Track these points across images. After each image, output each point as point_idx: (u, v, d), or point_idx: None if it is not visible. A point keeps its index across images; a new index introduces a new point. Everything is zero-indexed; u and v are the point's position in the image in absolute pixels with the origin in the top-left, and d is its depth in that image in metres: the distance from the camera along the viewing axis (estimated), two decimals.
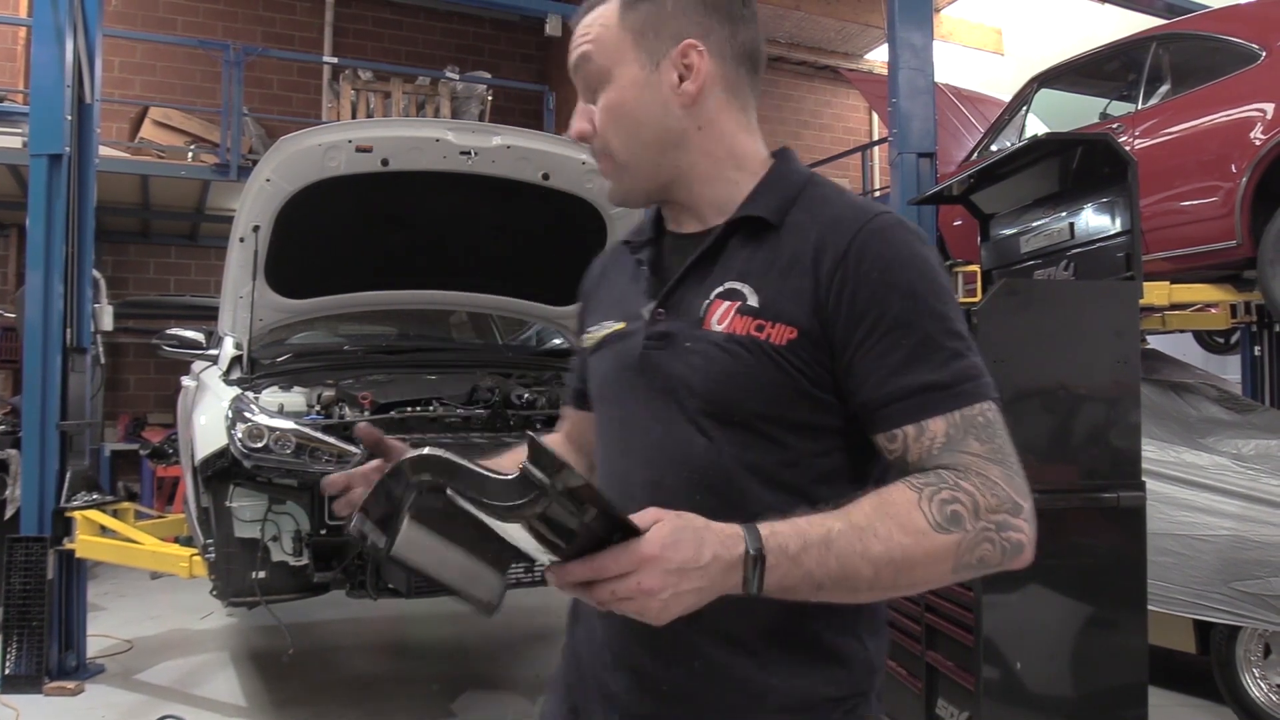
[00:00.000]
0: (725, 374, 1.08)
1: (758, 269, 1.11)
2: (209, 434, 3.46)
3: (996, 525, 0.99)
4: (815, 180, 1.18)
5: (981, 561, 0.99)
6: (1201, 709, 4.11)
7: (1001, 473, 1.01)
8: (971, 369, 1.05)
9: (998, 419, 1.05)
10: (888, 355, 1.04)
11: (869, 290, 1.04)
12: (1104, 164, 3.58)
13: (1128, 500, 3.06)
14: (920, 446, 1.03)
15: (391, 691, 4.40)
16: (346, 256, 4.19)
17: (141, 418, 9.01)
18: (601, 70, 1.16)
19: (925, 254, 1.08)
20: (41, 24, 4.54)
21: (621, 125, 1.16)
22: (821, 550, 0.94)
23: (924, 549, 0.97)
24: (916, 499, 0.98)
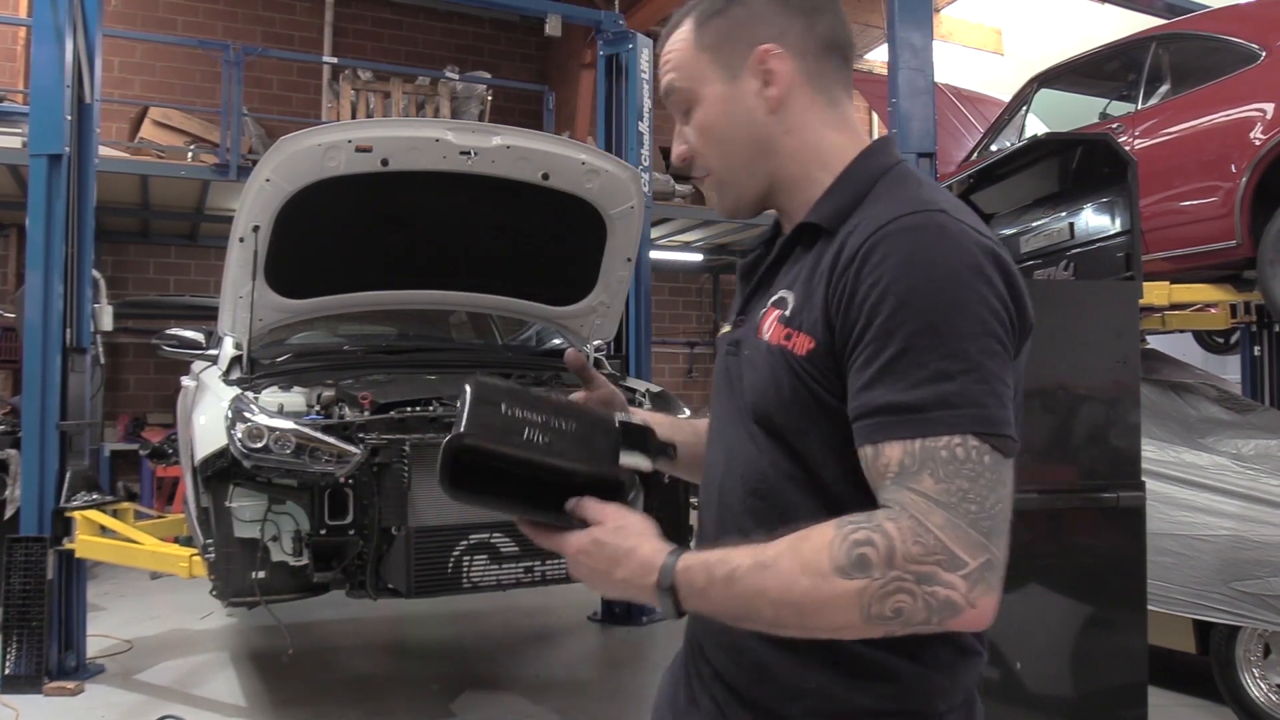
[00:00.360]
0: (763, 384, 1.08)
1: (802, 276, 1.09)
2: (209, 434, 3.46)
3: (916, 578, 0.90)
4: (891, 173, 1.11)
5: (899, 614, 0.91)
6: (1201, 709, 4.11)
7: (944, 519, 0.91)
8: (955, 396, 0.93)
9: (975, 457, 0.93)
10: (866, 367, 0.97)
11: (864, 294, 0.98)
12: (1104, 164, 3.58)
13: (1127, 500, 3.06)
14: (876, 471, 0.96)
15: (391, 691, 4.40)
16: (346, 256, 4.19)
17: (141, 418, 9.01)
18: (688, 94, 1.17)
19: (946, 260, 0.97)
20: (41, 24, 4.53)
21: (715, 143, 1.17)
22: (724, 587, 0.97)
23: (822, 593, 0.92)
24: (830, 539, 0.93)
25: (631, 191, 4.25)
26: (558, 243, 4.45)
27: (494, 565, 3.53)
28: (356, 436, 3.47)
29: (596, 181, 4.13)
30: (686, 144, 1.19)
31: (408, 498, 3.51)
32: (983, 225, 1.05)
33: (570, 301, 4.65)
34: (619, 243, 4.41)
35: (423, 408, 3.66)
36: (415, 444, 3.54)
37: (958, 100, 7.23)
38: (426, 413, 3.63)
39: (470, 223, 4.23)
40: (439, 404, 3.70)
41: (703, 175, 1.21)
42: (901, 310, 0.95)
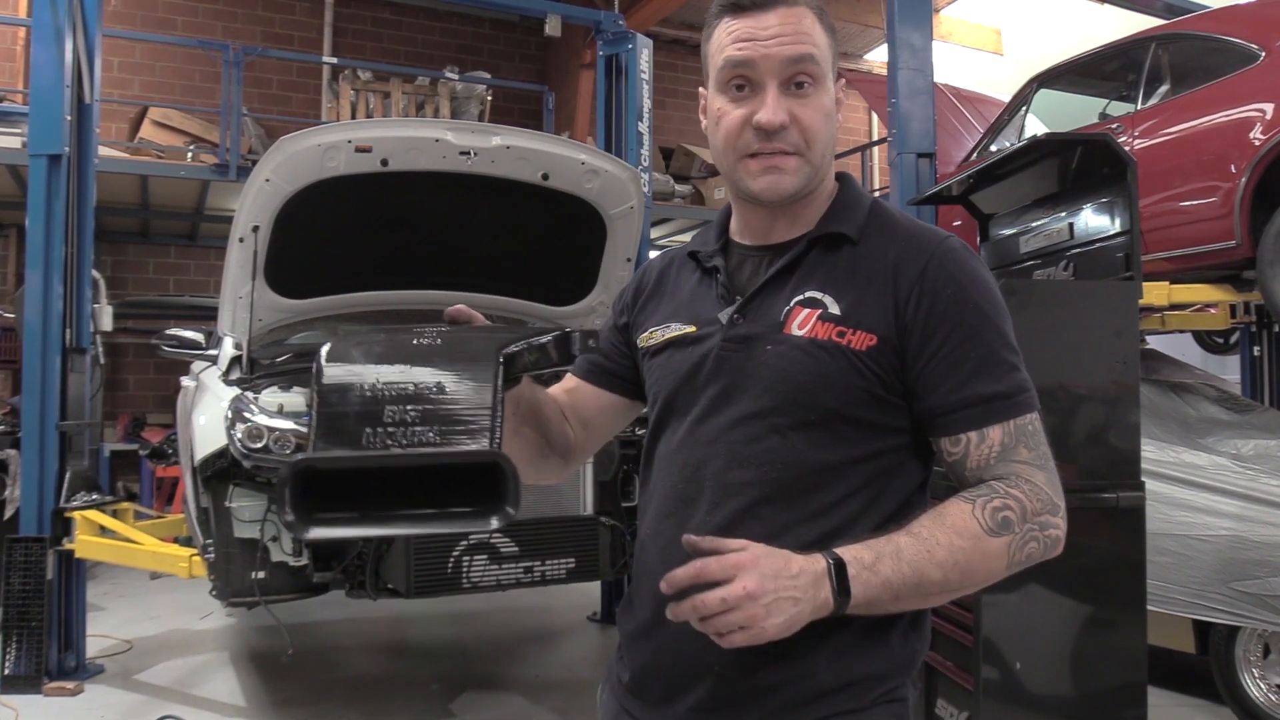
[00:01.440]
0: (808, 375, 1.17)
1: (839, 280, 1.20)
2: (208, 434, 3.46)
3: (1040, 525, 1.14)
4: (879, 202, 1.30)
5: (1029, 558, 1.14)
6: (1201, 709, 4.11)
7: (1045, 478, 1.16)
8: (1025, 382, 1.18)
9: (1040, 427, 1.18)
10: (959, 365, 1.15)
11: (944, 305, 1.16)
12: (1103, 164, 3.58)
13: (1127, 500, 3.06)
14: (980, 453, 1.16)
15: (391, 691, 4.40)
16: (346, 256, 4.19)
17: (141, 418, 9.01)
18: (817, 73, 1.21)
19: (988, 277, 1.21)
20: (41, 24, 4.54)
21: (826, 130, 1.23)
22: (894, 560, 1.07)
23: (981, 551, 1.11)
24: (970, 509, 1.12)
25: (631, 191, 4.25)
26: (557, 243, 4.45)
27: (494, 565, 3.54)
28: None
29: (596, 181, 4.13)
30: (789, 115, 1.19)
31: None
32: None
33: (570, 301, 4.65)
34: (619, 243, 4.41)
35: None
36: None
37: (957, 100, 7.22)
38: None
39: (470, 223, 4.23)
40: None
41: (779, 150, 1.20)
42: (979, 318, 1.17)
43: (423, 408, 0.96)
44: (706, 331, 1.25)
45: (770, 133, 1.19)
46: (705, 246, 1.35)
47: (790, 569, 1.02)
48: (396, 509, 0.94)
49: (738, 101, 1.22)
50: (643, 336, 1.35)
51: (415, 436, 0.95)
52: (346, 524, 0.94)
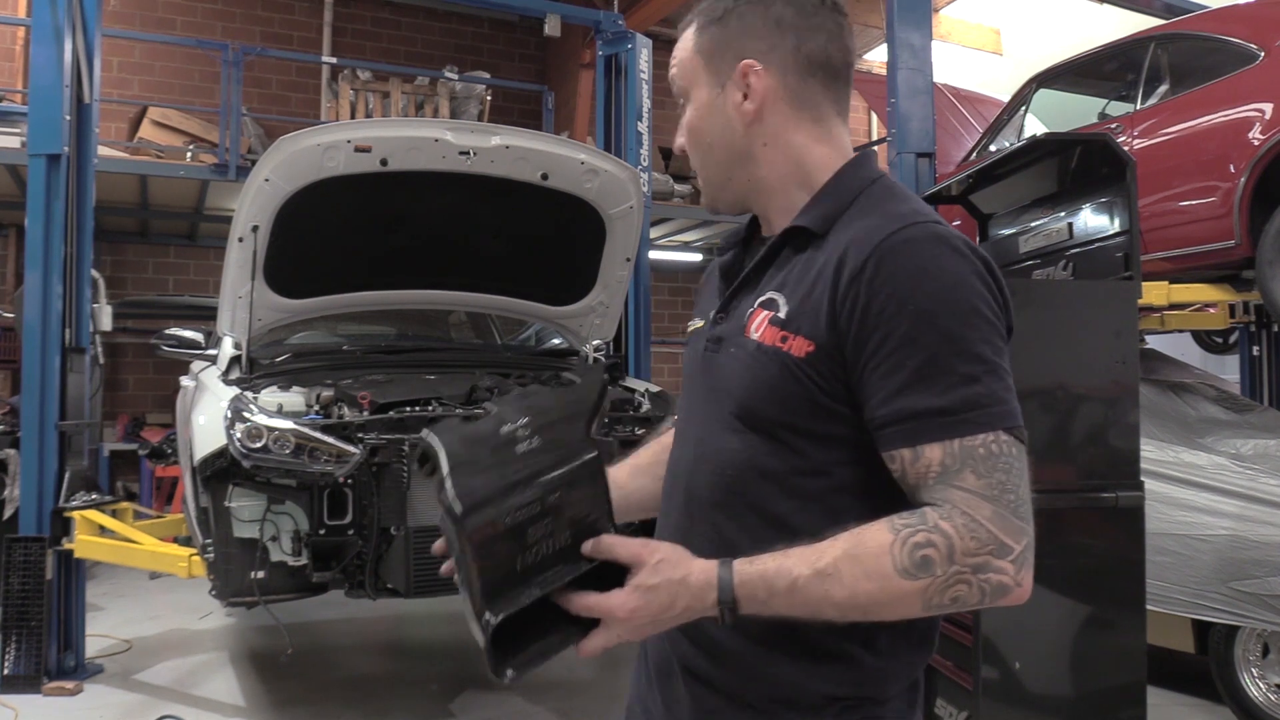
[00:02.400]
0: (753, 381, 1.13)
1: (794, 279, 1.14)
2: (208, 434, 3.46)
3: (973, 568, 0.99)
4: (876, 185, 1.17)
5: (956, 601, 1.00)
6: (1200, 709, 4.11)
7: (992, 512, 1.00)
8: (983, 396, 1.02)
9: (1007, 451, 1.02)
10: (893, 375, 1.03)
11: (880, 305, 1.04)
12: (1103, 164, 3.58)
13: (1126, 500, 3.06)
14: (916, 471, 1.03)
15: (391, 691, 4.40)
16: (345, 256, 4.19)
17: (140, 418, 9.00)
18: (682, 92, 1.24)
19: (954, 269, 1.05)
20: (40, 24, 4.54)
21: (697, 145, 1.24)
22: (787, 597, 1.01)
23: (888, 594, 1.00)
24: (890, 542, 1.00)
25: (630, 191, 4.25)
26: (557, 242, 4.45)
27: None
28: (355, 436, 3.47)
29: (595, 181, 4.13)
30: (681, 138, 1.26)
31: (407, 497, 3.52)
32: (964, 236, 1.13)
33: (569, 301, 4.65)
34: (618, 242, 4.41)
35: (422, 407, 3.66)
36: (414, 444, 3.54)
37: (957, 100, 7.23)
38: (425, 412, 3.63)
39: (469, 223, 4.23)
40: (438, 404, 3.70)
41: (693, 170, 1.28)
42: (921, 321, 1.02)
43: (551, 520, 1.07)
44: (705, 328, 1.27)
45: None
46: (732, 237, 1.33)
47: (673, 609, 1.04)
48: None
49: None
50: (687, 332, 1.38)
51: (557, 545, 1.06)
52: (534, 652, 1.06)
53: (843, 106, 1.23)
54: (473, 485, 1.06)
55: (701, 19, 1.22)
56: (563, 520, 1.08)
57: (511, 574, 1.04)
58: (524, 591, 1.04)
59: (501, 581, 1.04)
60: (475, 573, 1.03)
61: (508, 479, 1.07)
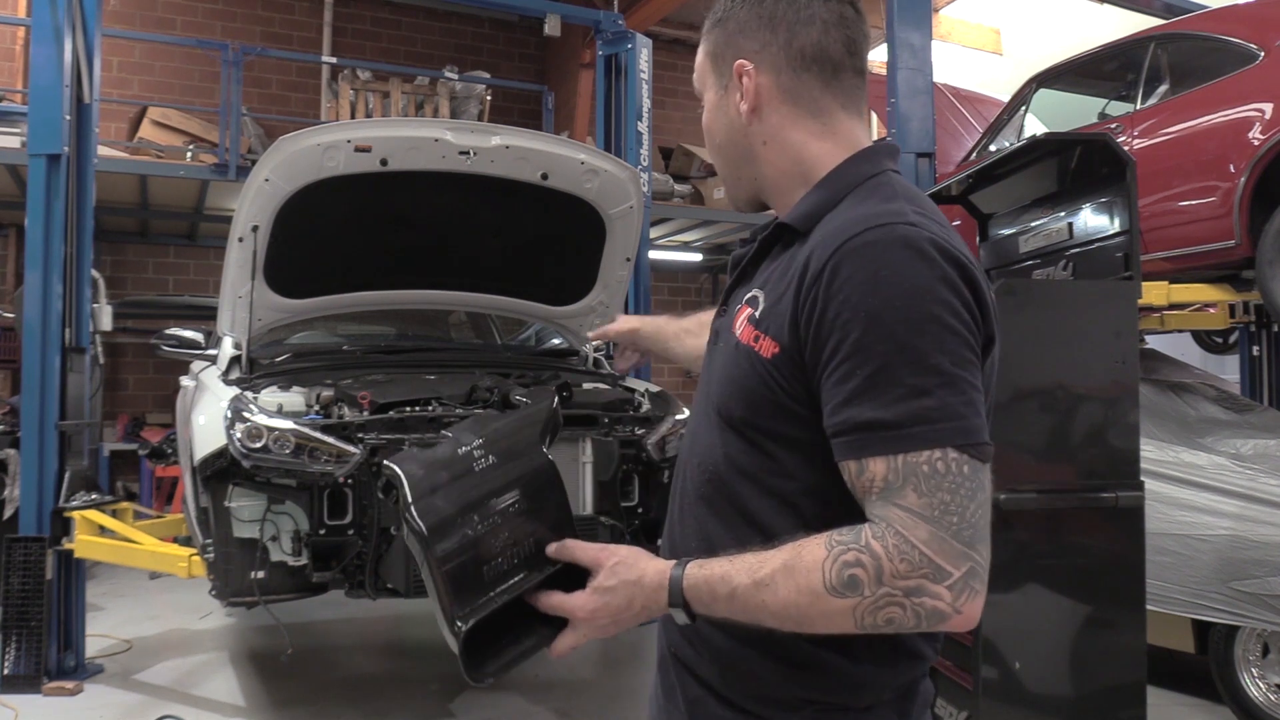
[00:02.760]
0: (729, 379, 1.14)
1: (774, 278, 1.13)
2: (208, 434, 3.46)
3: (904, 591, 0.96)
4: (870, 182, 1.13)
5: (890, 622, 0.98)
6: (1200, 708, 4.12)
7: (929, 534, 0.96)
8: (932, 410, 0.96)
9: (955, 470, 0.96)
10: (843, 383, 1.00)
11: (834, 311, 1.00)
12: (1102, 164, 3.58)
13: (1126, 500, 3.06)
14: (861, 485, 1.01)
15: (391, 691, 4.40)
16: (345, 256, 4.18)
17: (140, 418, 9.00)
18: (702, 93, 1.27)
19: (914, 274, 0.99)
20: (40, 24, 4.53)
21: (710, 145, 1.27)
22: (727, 604, 1.05)
23: (817, 609, 1.00)
24: (823, 559, 1.00)
25: (630, 191, 4.25)
26: (557, 242, 4.45)
27: None
28: (355, 436, 3.47)
29: (595, 181, 4.13)
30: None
31: None
32: (952, 233, 1.07)
33: (569, 301, 4.64)
34: (618, 242, 4.41)
35: (422, 407, 3.66)
36: (414, 444, 3.54)
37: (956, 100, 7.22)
38: (425, 413, 3.63)
39: (469, 222, 4.23)
40: (438, 404, 3.70)
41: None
42: (874, 328, 0.98)
43: (512, 530, 1.16)
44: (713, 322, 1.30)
45: None
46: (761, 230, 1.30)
47: (631, 609, 1.12)
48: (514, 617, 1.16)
49: None
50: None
51: (520, 553, 1.15)
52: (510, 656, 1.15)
53: (849, 99, 1.19)
54: (434, 504, 1.14)
55: (709, 21, 1.24)
56: (524, 529, 1.16)
57: (479, 583, 1.11)
58: (492, 599, 1.12)
59: (469, 591, 1.11)
60: (444, 585, 1.10)
61: (467, 496, 1.16)
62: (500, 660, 1.14)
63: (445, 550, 1.11)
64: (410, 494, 1.14)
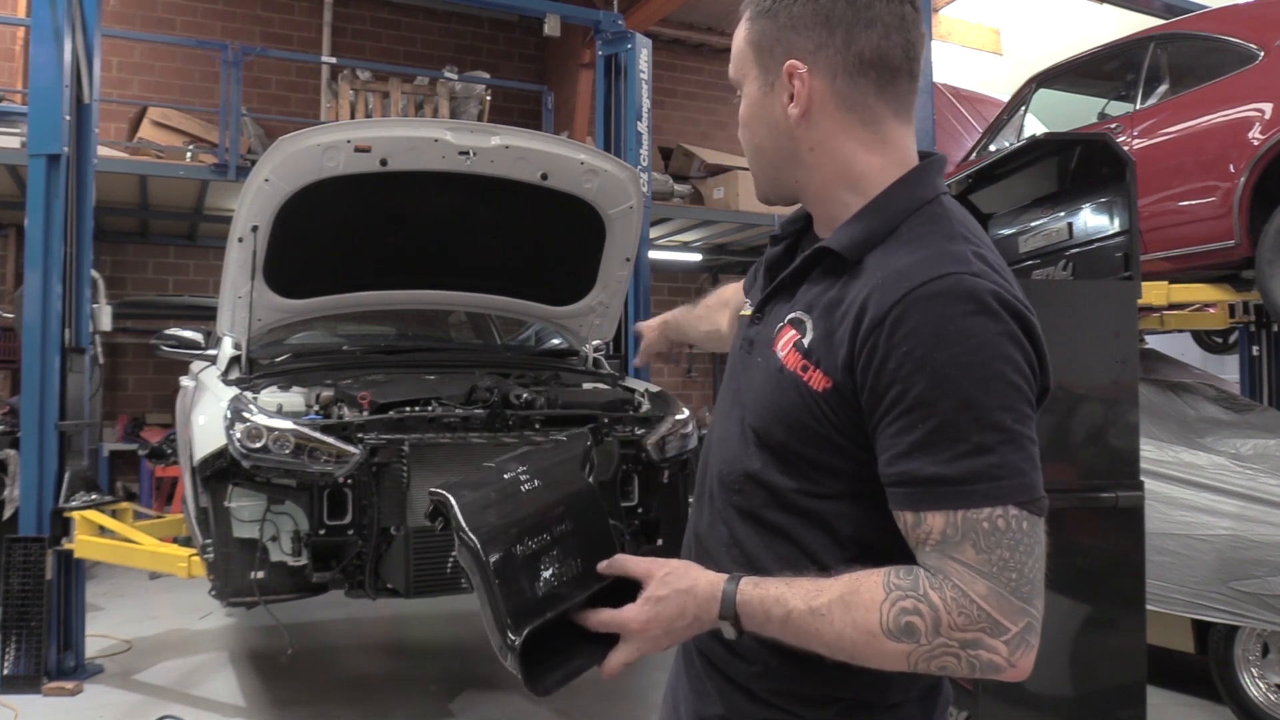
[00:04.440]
0: (771, 402, 1.12)
1: (822, 306, 1.09)
2: (207, 434, 3.46)
3: (961, 644, 0.97)
4: (925, 211, 1.09)
5: (944, 670, 0.99)
6: (1200, 708, 4.11)
7: (987, 589, 0.96)
8: (995, 468, 0.97)
9: (1015, 526, 0.97)
10: (903, 435, 0.99)
11: (897, 362, 0.99)
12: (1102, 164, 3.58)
13: (1126, 500, 3.06)
14: (916, 535, 1.01)
15: (391, 691, 4.40)
16: (345, 256, 4.18)
17: (140, 418, 9.00)
18: (735, 82, 1.19)
19: (980, 330, 0.98)
20: (40, 24, 4.53)
21: (747, 139, 1.19)
22: (780, 626, 1.04)
23: (873, 650, 1.00)
24: (881, 600, 0.99)
25: (630, 191, 4.25)
26: (557, 242, 4.45)
27: None
28: (355, 436, 3.46)
29: (595, 181, 4.13)
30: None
31: (406, 497, 3.51)
32: (1011, 278, 1.06)
33: (569, 301, 4.64)
34: (618, 242, 4.41)
35: (421, 408, 3.66)
36: (414, 444, 3.54)
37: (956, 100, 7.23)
38: (425, 413, 3.63)
39: (469, 223, 4.23)
40: (438, 404, 3.70)
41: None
42: (939, 384, 0.97)
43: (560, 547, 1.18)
44: (745, 322, 1.26)
45: None
46: (784, 228, 1.28)
47: (684, 618, 1.09)
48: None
49: None
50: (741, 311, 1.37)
51: (568, 571, 1.17)
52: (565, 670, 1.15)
53: (901, 106, 1.13)
54: (486, 519, 1.16)
55: (753, 9, 1.15)
56: (571, 547, 1.18)
57: (531, 599, 1.12)
58: (544, 614, 1.12)
59: (522, 606, 1.12)
60: (500, 598, 1.11)
61: (516, 514, 1.18)
62: (555, 674, 1.14)
63: (498, 563, 1.12)
64: (461, 514, 1.15)
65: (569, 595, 1.14)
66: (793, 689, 1.12)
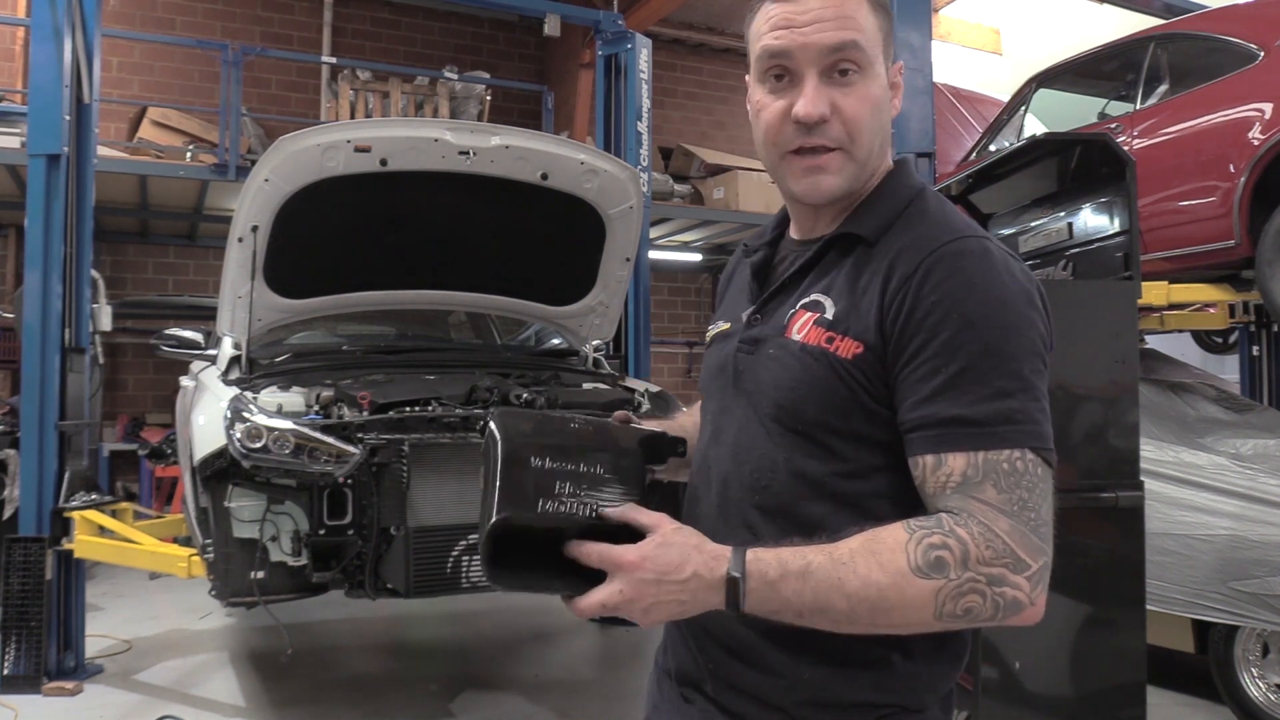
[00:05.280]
0: (795, 382, 1.12)
1: (842, 282, 1.13)
2: (207, 434, 3.46)
3: (988, 579, 0.98)
4: (923, 195, 1.17)
5: (969, 613, 0.99)
6: (1200, 708, 4.12)
7: (1009, 526, 0.99)
8: (1015, 412, 1.02)
9: (1031, 470, 1.02)
10: (927, 380, 1.03)
11: (924, 311, 1.03)
12: (1102, 164, 3.58)
13: (1126, 500, 3.06)
14: (936, 480, 1.03)
15: (391, 691, 4.40)
16: (345, 256, 4.18)
17: (140, 418, 9.00)
18: (866, 60, 1.13)
19: (1003, 286, 1.04)
20: (40, 24, 4.53)
21: (874, 121, 1.15)
22: (799, 580, 0.99)
23: (900, 591, 0.97)
24: (905, 540, 0.99)
25: (630, 191, 4.25)
26: (556, 242, 4.45)
27: None
28: (355, 436, 3.46)
29: (595, 181, 4.13)
30: (830, 106, 1.12)
31: (406, 498, 3.51)
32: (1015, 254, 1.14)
33: (569, 301, 4.64)
34: (618, 242, 4.41)
35: (421, 408, 3.66)
36: (414, 444, 3.54)
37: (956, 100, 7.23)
38: (425, 413, 3.63)
39: (469, 223, 4.22)
40: (438, 404, 3.70)
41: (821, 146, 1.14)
42: (965, 330, 1.02)
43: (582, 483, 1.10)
44: (734, 330, 1.25)
45: (810, 126, 1.12)
46: (758, 239, 1.31)
47: (682, 572, 1.01)
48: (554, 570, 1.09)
49: (777, 93, 1.14)
50: (707, 335, 1.36)
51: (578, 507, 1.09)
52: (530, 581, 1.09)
53: None
54: (519, 427, 1.12)
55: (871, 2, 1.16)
56: (593, 487, 1.10)
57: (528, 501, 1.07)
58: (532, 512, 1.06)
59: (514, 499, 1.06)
60: (497, 486, 1.06)
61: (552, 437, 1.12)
62: (519, 578, 1.08)
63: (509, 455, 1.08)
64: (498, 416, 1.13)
65: (567, 522, 1.08)
66: (822, 697, 1.10)
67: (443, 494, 3.62)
